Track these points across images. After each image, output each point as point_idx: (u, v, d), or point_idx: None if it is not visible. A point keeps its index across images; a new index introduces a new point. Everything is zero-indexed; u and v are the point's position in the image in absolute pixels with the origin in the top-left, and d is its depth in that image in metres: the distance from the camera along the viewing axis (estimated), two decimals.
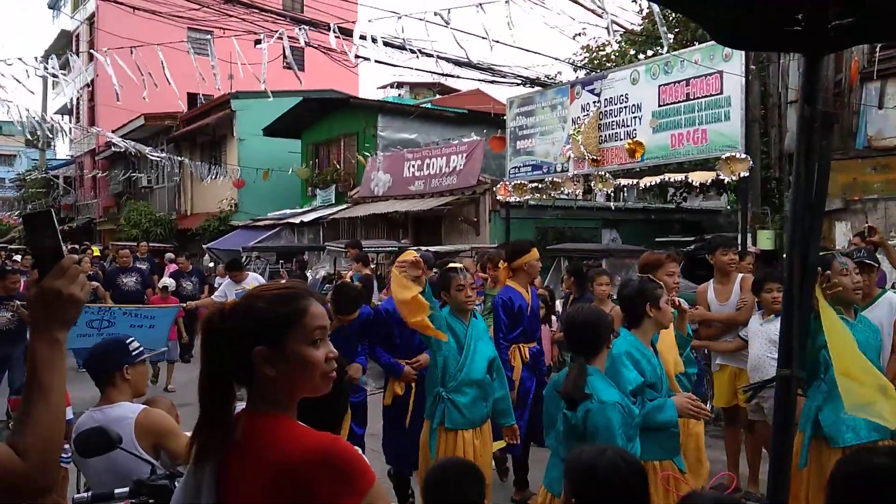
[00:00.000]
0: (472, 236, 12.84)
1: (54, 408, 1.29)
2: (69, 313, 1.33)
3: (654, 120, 9.29)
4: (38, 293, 1.31)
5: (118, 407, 2.80)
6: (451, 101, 23.87)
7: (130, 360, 2.89)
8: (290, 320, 1.46)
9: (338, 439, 1.46)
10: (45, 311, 1.31)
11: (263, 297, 1.50)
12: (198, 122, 21.60)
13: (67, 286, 1.31)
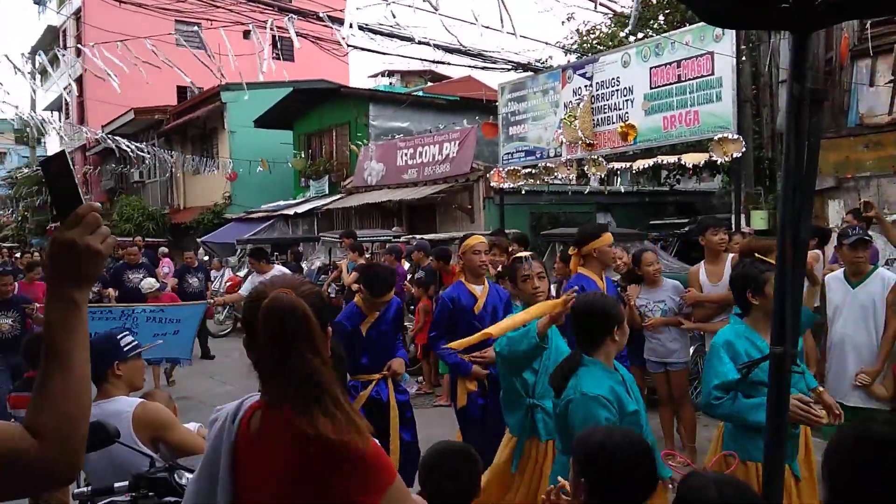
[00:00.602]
0: (467, 224, 12.83)
1: (75, 379, 1.10)
2: (86, 268, 1.13)
3: (646, 102, 9.29)
4: (51, 246, 1.13)
5: (114, 401, 2.81)
6: (442, 88, 23.75)
7: (121, 357, 2.89)
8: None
9: (356, 441, 1.44)
10: (58, 266, 1.12)
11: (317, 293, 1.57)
12: (188, 116, 21.48)
13: (83, 236, 1.12)
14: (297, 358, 1.43)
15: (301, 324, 1.45)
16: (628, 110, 9.59)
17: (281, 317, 1.45)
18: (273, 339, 1.45)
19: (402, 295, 8.46)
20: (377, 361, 4.29)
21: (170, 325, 6.64)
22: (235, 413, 1.57)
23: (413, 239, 10.39)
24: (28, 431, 1.07)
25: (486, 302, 4.37)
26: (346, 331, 4.19)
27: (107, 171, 26.62)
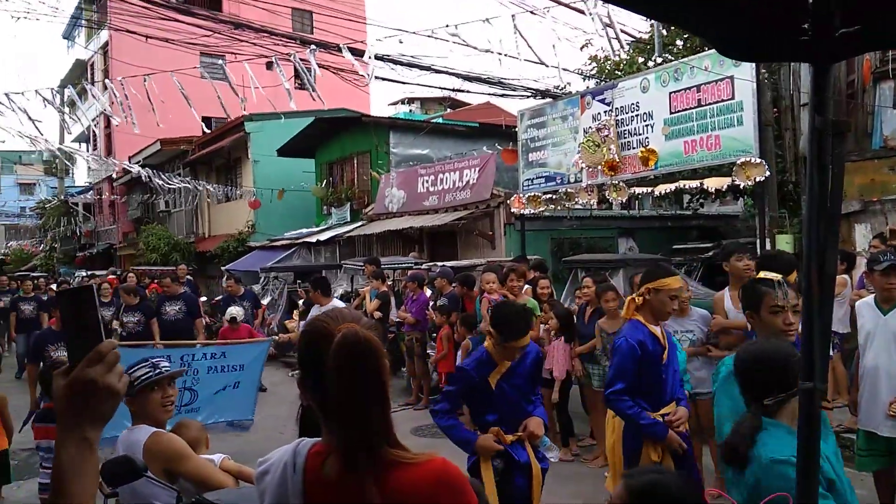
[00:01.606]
0: (488, 250, 12.84)
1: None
2: (104, 408, 1.11)
3: (666, 127, 9.27)
4: (70, 383, 1.09)
5: (136, 430, 2.83)
6: (461, 115, 23.97)
7: (129, 392, 2.82)
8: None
9: (446, 461, 1.46)
10: (75, 403, 1.09)
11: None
12: (213, 146, 21.87)
13: (104, 375, 1.10)
14: (373, 398, 1.40)
15: (376, 362, 1.41)
16: (648, 135, 9.58)
17: (357, 354, 1.39)
18: (350, 378, 1.38)
19: (426, 322, 8.46)
20: (508, 420, 3.53)
21: (232, 374, 5.91)
22: (294, 462, 1.48)
23: (435, 266, 10.42)
24: None
25: (669, 349, 3.68)
26: (472, 382, 3.51)
27: (133, 200, 27.10)
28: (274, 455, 1.52)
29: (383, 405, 1.42)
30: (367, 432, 1.39)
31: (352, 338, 1.40)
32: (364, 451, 1.38)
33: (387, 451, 1.40)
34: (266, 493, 1.49)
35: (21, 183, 48.52)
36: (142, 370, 2.90)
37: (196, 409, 5.57)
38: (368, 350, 1.40)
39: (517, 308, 3.75)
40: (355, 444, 1.39)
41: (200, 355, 5.84)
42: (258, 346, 6.51)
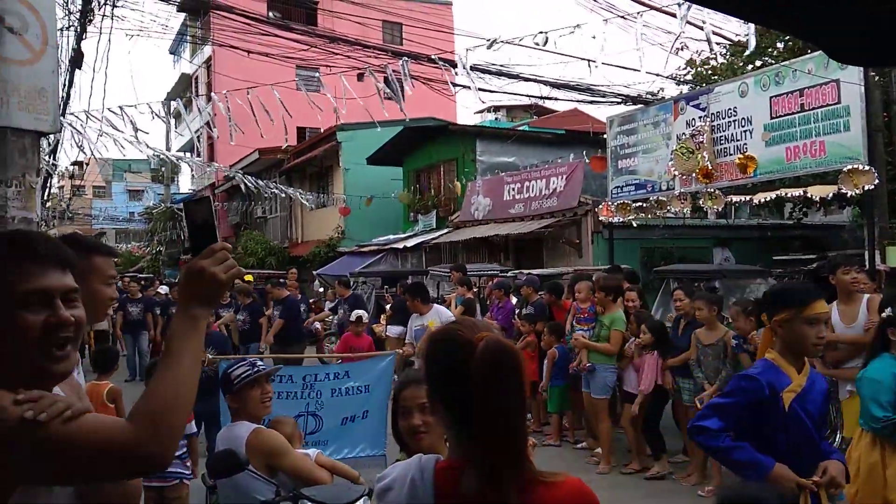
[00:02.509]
0: (575, 258, 12.68)
1: (179, 375, 1.25)
2: (209, 292, 1.34)
3: (767, 133, 8.90)
4: (185, 270, 1.35)
5: (236, 426, 2.97)
6: (548, 122, 23.78)
7: (230, 391, 3.01)
8: None
9: (580, 480, 1.43)
10: (187, 287, 1.34)
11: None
12: (307, 155, 22.68)
13: (211, 266, 1.33)
14: (518, 410, 1.37)
15: (520, 372, 1.36)
16: (747, 141, 9.22)
17: (503, 363, 1.34)
18: (496, 389, 1.32)
19: (511, 331, 8.44)
20: (800, 455, 2.58)
21: (357, 397, 5.27)
22: (421, 476, 1.42)
23: (520, 274, 10.38)
24: (128, 418, 1.22)
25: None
26: (761, 395, 2.61)
27: (233, 207, 28.45)
28: (393, 471, 1.48)
29: (524, 417, 1.40)
30: (513, 446, 1.34)
31: (496, 345, 1.35)
32: (508, 467, 1.32)
33: (527, 468, 1.36)
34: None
35: (130, 189, 51.97)
36: (241, 369, 3.04)
37: (324, 443, 5.05)
38: (514, 360, 1.36)
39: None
40: (500, 458, 1.32)
41: (323, 375, 5.31)
42: (382, 360, 5.65)
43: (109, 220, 47.40)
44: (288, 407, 4.71)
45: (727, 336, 5.68)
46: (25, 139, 3.57)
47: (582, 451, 7.04)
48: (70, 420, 1.17)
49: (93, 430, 1.18)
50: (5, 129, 3.50)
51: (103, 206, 49.70)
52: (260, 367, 3.11)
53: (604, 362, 6.54)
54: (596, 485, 5.31)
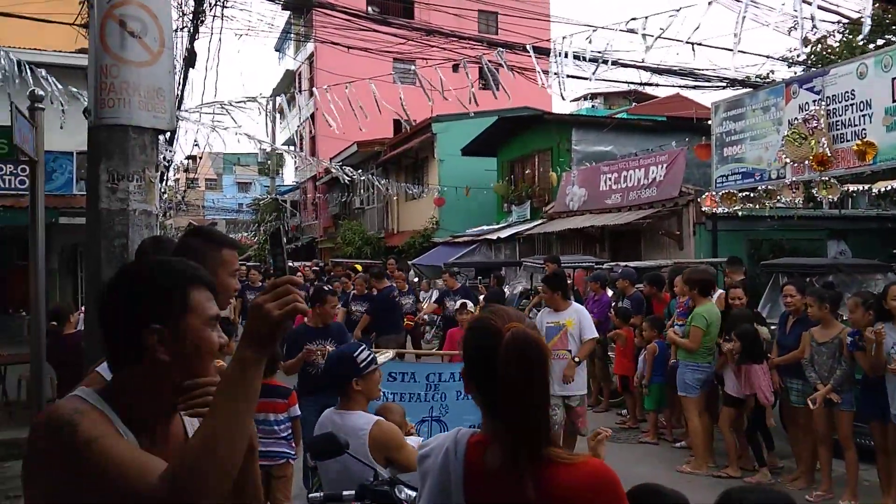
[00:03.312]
0: (675, 251, 12.23)
1: (223, 424, 1.17)
2: (264, 332, 1.22)
3: (888, 117, 8.23)
4: (252, 309, 1.25)
5: (355, 416, 3.01)
6: (647, 108, 23.02)
7: (359, 373, 3.07)
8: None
9: (602, 462, 1.52)
10: (247, 326, 1.26)
11: None
12: (403, 147, 23.09)
13: (267, 302, 1.22)
14: (538, 396, 1.47)
15: (543, 361, 1.48)
16: (865, 126, 8.56)
17: (526, 353, 1.46)
18: (518, 375, 1.44)
19: (607, 324, 8.28)
20: None
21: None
22: (454, 448, 1.57)
23: (617, 266, 10.15)
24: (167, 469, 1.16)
25: None
26: None
27: (333, 198, 29.39)
28: (434, 441, 1.64)
29: (546, 403, 1.49)
30: (531, 428, 1.45)
31: (522, 336, 1.46)
32: (526, 447, 1.44)
33: (546, 449, 1.46)
34: (428, 476, 1.59)
35: (239, 182, 54.75)
36: (365, 352, 3.17)
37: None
38: (537, 349, 1.47)
39: None
40: (519, 438, 1.44)
41: (448, 375, 4.76)
42: None
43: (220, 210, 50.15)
44: (412, 410, 4.21)
45: (843, 334, 5.34)
46: (145, 136, 3.84)
47: (681, 451, 6.82)
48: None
49: (125, 466, 1.14)
50: (127, 127, 3.78)
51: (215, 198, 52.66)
52: (373, 351, 3.28)
53: (685, 359, 6.31)
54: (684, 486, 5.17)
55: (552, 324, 5.81)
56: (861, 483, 5.45)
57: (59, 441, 1.15)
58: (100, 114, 3.83)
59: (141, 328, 1.26)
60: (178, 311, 1.29)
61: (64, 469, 1.15)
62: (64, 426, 1.16)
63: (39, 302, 4.74)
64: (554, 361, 5.50)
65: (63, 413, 1.19)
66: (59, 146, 10.10)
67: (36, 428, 1.21)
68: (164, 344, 1.27)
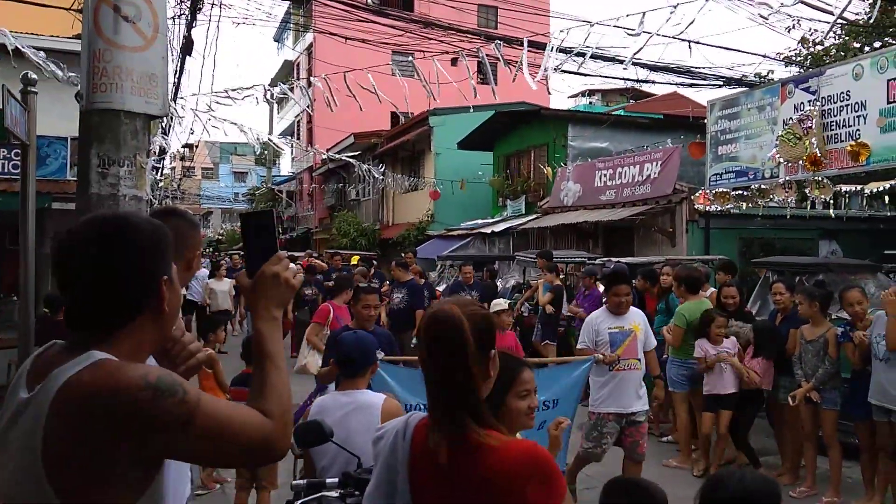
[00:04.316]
0: (668, 248, 12.28)
1: (284, 373, 1.40)
2: (285, 295, 1.45)
3: (882, 119, 8.28)
4: (259, 277, 1.43)
5: (364, 394, 3.11)
6: (645, 106, 23.05)
7: (375, 360, 3.31)
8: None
9: (537, 445, 1.51)
10: (265, 293, 1.43)
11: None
12: (399, 139, 23.06)
13: (283, 271, 1.45)
14: (455, 374, 1.48)
15: (457, 338, 1.48)
16: (860, 127, 8.60)
17: (439, 330, 1.50)
18: (432, 353, 1.50)
19: None
20: None
21: (541, 413, 3.77)
22: (405, 430, 1.61)
23: (609, 262, 10.18)
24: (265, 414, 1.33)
25: None
26: None
27: (329, 189, 29.36)
28: (390, 424, 1.69)
29: (468, 384, 1.48)
30: (454, 407, 1.47)
31: (440, 316, 1.50)
32: (449, 425, 1.46)
33: (475, 428, 1.46)
34: (379, 457, 1.64)
35: (235, 171, 54.63)
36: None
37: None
38: (452, 329, 1.48)
39: None
40: (440, 416, 1.48)
41: (550, 403, 4.11)
42: (577, 367, 4.49)
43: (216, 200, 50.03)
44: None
45: (830, 332, 5.39)
46: (137, 122, 3.84)
47: (667, 445, 6.87)
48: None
49: (249, 421, 1.29)
50: (119, 112, 3.77)
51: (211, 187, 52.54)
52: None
53: (672, 355, 6.37)
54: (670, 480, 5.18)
55: (616, 329, 4.94)
56: (844, 480, 5.51)
57: (164, 407, 1.20)
58: (92, 98, 3.83)
59: (157, 279, 1.34)
60: (170, 266, 1.39)
61: (178, 430, 1.21)
62: (171, 391, 1.21)
63: (29, 286, 4.73)
64: (624, 373, 4.88)
65: (154, 377, 1.21)
66: (54, 131, 10.06)
67: (115, 399, 1.18)
68: (167, 294, 1.36)
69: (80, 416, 1.17)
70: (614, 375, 4.88)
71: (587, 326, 5.10)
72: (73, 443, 1.17)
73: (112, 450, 1.18)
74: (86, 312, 1.30)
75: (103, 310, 1.30)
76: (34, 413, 1.20)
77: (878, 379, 4.93)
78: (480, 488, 1.44)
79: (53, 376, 1.21)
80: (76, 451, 1.17)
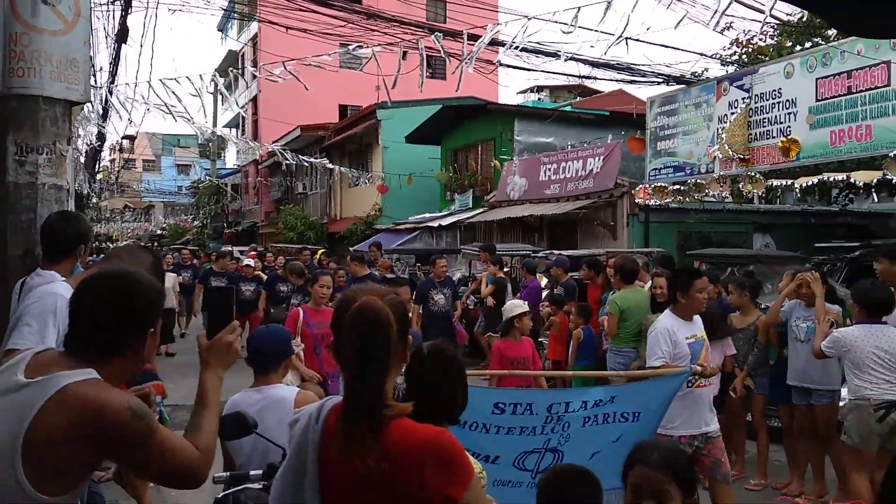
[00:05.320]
0: (609, 241, 12.52)
1: (216, 419, 1.81)
2: (230, 360, 1.89)
3: (811, 116, 8.62)
4: (217, 342, 1.88)
5: (277, 388, 3.03)
6: (591, 103, 23.41)
7: (289, 355, 3.22)
8: None
9: (444, 432, 1.54)
10: (218, 355, 1.87)
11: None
12: (347, 132, 22.84)
13: (234, 341, 1.90)
14: (373, 363, 1.53)
15: (385, 331, 1.54)
16: (790, 124, 8.95)
17: (368, 324, 1.53)
18: (353, 343, 1.53)
19: (537, 309, 8.39)
20: None
21: (618, 426, 3.66)
22: (318, 414, 1.64)
23: (551, 254, 10.32)
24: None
25: None
26: None
27: (275, 183, 28.88)
28: (306, 408, 1.74)
29: (382, 371, 1.54)
30: (364, 393, 1.52)
31: (365, 310, 1.55)
32: (360, 411, 1.52)
33: (384, 415, 1.51)
34: (293, 439, 1.69)
35: (179, 164, 53.18)
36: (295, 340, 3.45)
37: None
38: (373, 320, 1.54)
39: None
40: (353, 402, 1.53)
41: (579, 404, 3.65)
42: (670, 381, 3.87)
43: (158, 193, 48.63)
44: (519, 444, 3.52)
45: (760, 320, 5.57)
46: (57, 108, 3.70)
47: None
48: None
49: (184, 449, 1.66)
50: (37, 97, 3.63)
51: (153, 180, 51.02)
52: None
53: (611, 345, 6.49)
54: None
55: (692, 338, 4.13)
56: (772, 463, 5.69)
57: (136, 428, 1.56)
58: (8, 83, 3.67)
59: (147, 330, 1.72)
60: (157, 321, 1.78)
61: (138, 447, 1.58)
62: (142, 416, 1.57)
63: None
64: (703, 390, 4.11)
65: (133, 403, 1.58)
66: None
67: (103, 412, 1.52)
68: (149, 343, 1.73)
69: (71, 417, 1.50)
70: (691, 392, 4.04)
71: (661, 337, 4.08)
72: (57, 435, 1.49)
73: (83, 449, 1.53)
74: (89, 341, 1.65)
75: (103, 343, 1.65)
76: (29, 398, 1.51)
77: (797, 361, 5.12)
78: (385, 471, 1.46)
79: (56, 376, 1.54)
80: (56, 442, 1.49)
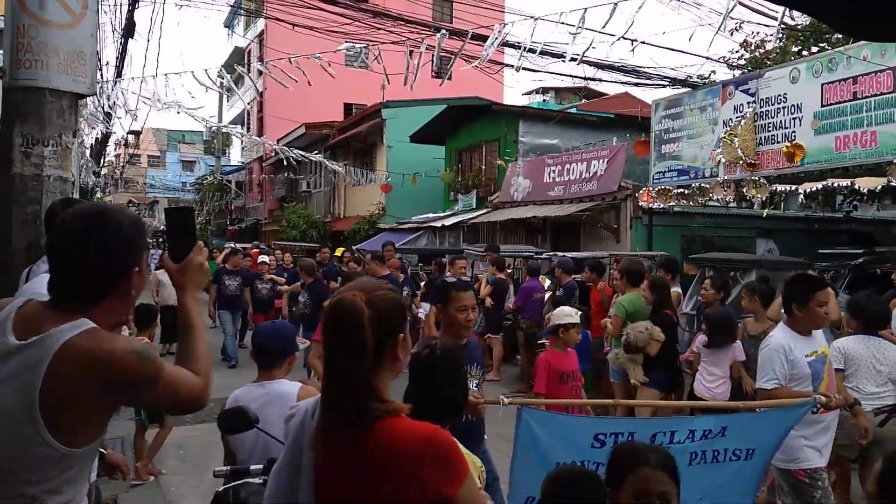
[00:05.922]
0: (612, 243, 12.51)
1: (207, 341, 1.79)
2: (203, 280, 1.85)
3: (816, 121, 8.60)
4: (189, 264, 1.81)
5: (280, 383, 3.03)
6: (597, 105, 23.39)
7: (293, 351, 3.18)
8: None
9: (440, 429, 1.52)
10: (191, 276, 1.82)
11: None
12: (352, 131, 22.85)
13: (204, 261, 1.85)
14: (351, 358, 1.50)
15: (353, 324, 1.50)
16: (795, 129, 8.93)
17: (339, 317, 1.52)
18: (331, 338, 1.53)
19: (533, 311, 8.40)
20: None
21: (729, 465, 3.12)
22: (314, 409, 1.63)
23: (555, 256, 10.32)
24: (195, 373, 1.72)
25: None
26: None
27: (279, 180, 28.91)
28: (302, 403, 1.75)
29: (357, 367, 1.50)
30: (349, 387, 1.49)
31: (339, 302, 1.54)
32: (346, 406, 1.49)
33: (373, 410, 1.48)
34: (289, 434, 1.68)
35: (183, 160, 53.26)
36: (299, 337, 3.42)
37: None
38: (351, 315, 1.50)
39: None
40: (336, 397, 1.52)
41: (685, 434, 3.08)
42: (791, 413, 3.25)
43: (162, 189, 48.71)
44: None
45: (771, 328, 5.48)
46: (63, 100, 3.71)
47: None
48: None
49: (187, 379, 1.67)
50: (44, 89, 3.64)
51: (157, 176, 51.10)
52: None
53: (612, 347, 6.47)
54: None
55: (812, 355, 3.59)
56: None
57: (145, 371, 1.56)
58: (15, 74, 3.69)
59: (132, 268, 1.65)
60: (142, 258, 1.70)
61: (150, 388, 1.59)
62: (148, 358, 1.57)
63: None
64: (836, 413, 3.65)
65: (138, 347, 1.58)
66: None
67: (111, 362, 1.52)
68: (136, 280, 1.68)
69: (81, 371, 1.49)
70: (822, 418, 3.53)
71: (775, 355, 3.53)
72: (70, 391, 1.49)
73: (99, 399, 1.53)
74: (73, 287, 1.60)
75: (87, 286, 1.60)
76: (32, 361, 1.49)
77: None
78: (379, 468, 1.45)
79: (51, 334, 1.50)
80: (72, 397, 1.49)
